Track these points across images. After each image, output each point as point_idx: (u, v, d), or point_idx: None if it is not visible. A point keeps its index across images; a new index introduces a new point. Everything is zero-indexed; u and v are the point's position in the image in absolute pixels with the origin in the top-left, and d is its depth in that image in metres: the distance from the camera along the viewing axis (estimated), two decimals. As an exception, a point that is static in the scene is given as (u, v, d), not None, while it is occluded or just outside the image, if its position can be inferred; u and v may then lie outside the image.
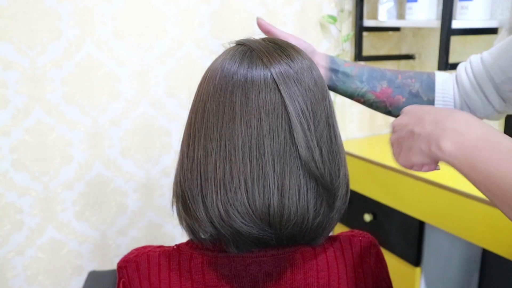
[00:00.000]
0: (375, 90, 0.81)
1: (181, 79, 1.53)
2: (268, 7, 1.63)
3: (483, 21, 1.47)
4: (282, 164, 0.53)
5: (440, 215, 1.34)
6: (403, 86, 0.81)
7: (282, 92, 0.54)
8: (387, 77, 0.81)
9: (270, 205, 0.53)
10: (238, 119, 0.53)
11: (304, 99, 0.55)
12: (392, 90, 0.80)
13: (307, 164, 0.54)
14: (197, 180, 0.55)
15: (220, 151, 0.54)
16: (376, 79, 0.81)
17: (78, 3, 1.35)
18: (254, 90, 0.54)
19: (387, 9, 1.66)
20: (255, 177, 0.53)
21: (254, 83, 0.54)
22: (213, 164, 0.54)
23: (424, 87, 0.80)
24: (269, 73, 0.54)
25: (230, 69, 0.55)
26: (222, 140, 0.54)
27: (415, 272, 1.47)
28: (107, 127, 1.46)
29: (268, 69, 0.54)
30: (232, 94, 0.54)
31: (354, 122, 1.91)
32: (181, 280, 0.60)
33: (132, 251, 0.63)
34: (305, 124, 0.54)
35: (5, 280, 1.40)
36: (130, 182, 1.53)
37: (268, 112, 0.53)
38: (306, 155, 0.54)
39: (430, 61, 1.80)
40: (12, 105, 1.32)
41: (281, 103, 0.54)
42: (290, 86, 0.54)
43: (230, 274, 0.59)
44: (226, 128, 0.54)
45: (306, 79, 0.56)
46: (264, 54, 0.56)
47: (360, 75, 0.81)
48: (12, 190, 1.37)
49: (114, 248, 1.55)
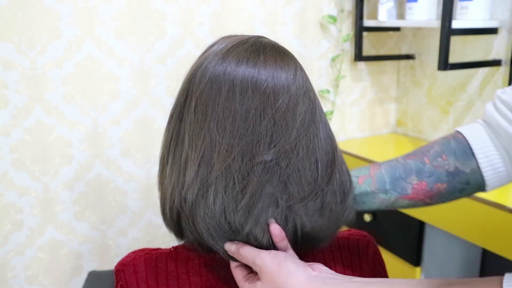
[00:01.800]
0: (406, 194, 0.65)
1: (181, 79, 1.52)
2: (268, 7, 1.63)
3: (483, 21, 1.47)
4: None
5: (440, 215, 1.34)
6: (436, 170, 0.65)
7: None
8: (413, 168, 0.65)
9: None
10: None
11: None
12: (427, 183, 0.65)
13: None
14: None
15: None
16: (401, 178, 0.65)
17: (78, 3, 1.35)
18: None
19: (387, 9, 1.66)
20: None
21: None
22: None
23: (460, 157, 0.64)
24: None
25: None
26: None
27: (415, 272, 1.47)
28: (107, 127, 1.46)
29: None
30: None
31: (354, 122, 1.91)
32: (178, 282, 0.60)
33: (129, 254, 0.63)
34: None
35: (5, 280, 1.40)
36: (130, 182, 1.53)
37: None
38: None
39: (430, 61, 1.80)
40: (12, 105, 1.32)
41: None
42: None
43: (227, 275, 0.59)
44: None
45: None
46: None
47: (381, 185, 0.66)
48: (12, 190, 1.37)
49: (114, 248, 1.55)
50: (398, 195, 0.66)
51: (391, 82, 1.96)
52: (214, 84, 0.53)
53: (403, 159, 0.66)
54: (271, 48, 0.55)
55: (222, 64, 0.53)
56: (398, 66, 1.95)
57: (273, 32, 1.64)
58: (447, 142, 0.66)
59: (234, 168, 0.52)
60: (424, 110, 1.84)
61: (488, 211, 1.19)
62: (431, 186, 0.65)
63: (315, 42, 1.74)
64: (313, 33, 1.73)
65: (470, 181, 0.66)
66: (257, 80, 0.52)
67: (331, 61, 1.79)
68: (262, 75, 0.52)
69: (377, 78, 1.92)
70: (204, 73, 0.54)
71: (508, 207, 1.15)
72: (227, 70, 0.53)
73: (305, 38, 1.72)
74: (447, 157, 0.65)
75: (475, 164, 0.64)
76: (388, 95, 1.97)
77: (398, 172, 0.65)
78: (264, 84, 0.52)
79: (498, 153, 0.64)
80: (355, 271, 0.63)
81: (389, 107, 1.98)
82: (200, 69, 0.55)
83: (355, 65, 1.85)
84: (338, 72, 1.80)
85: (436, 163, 0.65)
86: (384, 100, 1.97)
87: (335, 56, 1.78)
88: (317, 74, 1.77)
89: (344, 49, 1.79)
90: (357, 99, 1.90)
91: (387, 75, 1.94)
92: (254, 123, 0.52)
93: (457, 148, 0.65)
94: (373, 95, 1.93)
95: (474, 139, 0.64)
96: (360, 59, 1.80)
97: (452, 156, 0.65)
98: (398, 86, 1.97)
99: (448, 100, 1.73)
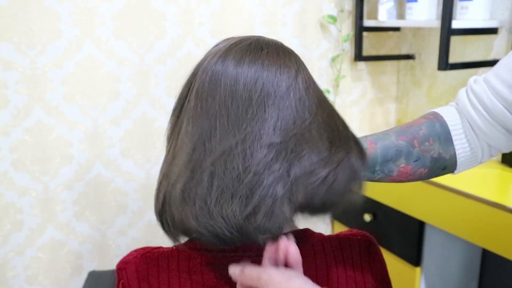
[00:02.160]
0: (391, 175, 0.67)
1: (181, 79, 1.52)
2: (268, 7, 1.63)
3: (483, 21, 1.47)
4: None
5: (440, 215, 1.34)
6: (423, 155, 0.66)
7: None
8: (404, 151, 0.66)
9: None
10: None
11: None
12: (412, 167, 0.67)
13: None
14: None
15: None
16: (392, 161, 0.66)
17: (78, 3, 1.35)
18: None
19: (387, 9, 1.66)
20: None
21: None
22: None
23: (443, 143, 0.66)
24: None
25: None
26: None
27: (415, 272, 1.47)
28: (107, 127, 1.46)
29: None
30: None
31: (354, 122, 1.91)
32: (180, 280, 0.60)
33: (131, 253, 0.63)
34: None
35: (5, 280, 1.40)
36: (130, 182, 1.53)
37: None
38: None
39: (430, 61, 1.80)
40: (12, 105, 1.32)
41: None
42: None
43: (229, 274, 0.59)
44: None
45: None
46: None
47: (372, 165, 0.66)
48: (12, 190, 1.37)
49: (114, 248, 1.55)
50: (383, 175, 0.67)
51: (391, 82, 1.96)
52: (215, 76, 0.54)
53: (396, 138, 0.67)
54: (274, 44, 0.58)
55: (223, 61, 0.55)
56: (398, 66, 1.95)
57: (273, 32, 1.64)
58: (433, 124, 0.67)
59: (235, 152, 0.51)
60: (424, 110, 1.84)
61: (488, 211, 1.19)
62: (415, 171, 0.67)
63: (315, 42, 1.74)
64: (313, 33, 1.74)
65: (447, 167, 0.68)
66: (258, 78, 0.53)
67: (331, 61, 1.79)
68: (264, 73, 0.54)
69: (377, 78, 1.92)
70: (206, 66, 0.56)
71: (508, 207, 1.16)
72: (229, 65, 0.54)
73: (305, 38, 1.72)
74: (434, 142, 0.66)
75: (453, 151, 0.67)
76: (388, 95, 1.97)
77: (390, 154, 0.66)
78: (265, 79, 0.53)
79: (467, 140, 0.67)
80: (356, 271, 0.63)
81: (389, 107, 1.99)
82: (204, 63, 0.58)
83: (355, 65, 1.85)
84: (338, 72, 1.80)
85: (423, 147, 0.66)
86: (384, 100, 1.97)
87: (335, 56, 1.78)
88: (317, 74, 1.77)
89: (344, 49, 1.79)
90: (357, 99, 1.90)
91: (387, 75, 1.94)
92: (258, 109, 0.52)
93: (441, 133, 0.67)
94: (373, 95, 1.93)
95: (453, 126, 0.67)
96: (360, 59, 1.80)
97: (437, 141, 0.66)
98: (398, 86, 1.97)
99: (448, 100, 1.73)
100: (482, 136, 0.66)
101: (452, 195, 1.28)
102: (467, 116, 0.66)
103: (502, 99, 0.63)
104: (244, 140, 0.51)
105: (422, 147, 0.66)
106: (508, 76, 0.62)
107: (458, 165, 0.68)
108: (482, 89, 0.65)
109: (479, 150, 0.67)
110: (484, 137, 0.66)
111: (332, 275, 0.61)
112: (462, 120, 0.67)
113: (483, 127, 0.65)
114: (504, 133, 0.65)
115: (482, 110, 0.64)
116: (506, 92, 0.62)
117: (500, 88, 0.63)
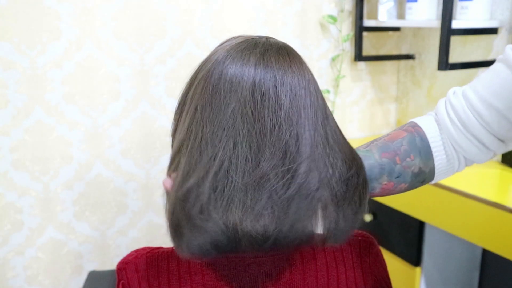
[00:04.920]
0: (373, 192, 0.67)
1: (181, 79, 1.52)
2: (268, 7, 1.63)
3: (483, 21, 1.47)
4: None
5: (440, 215, 1.34)
6: (404, 171, 0.67)
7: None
8: (386, 169, 0.66)
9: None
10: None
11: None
12: (394, 183, 0.67)
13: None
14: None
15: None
16: (375, 179, 0.66)
17: (78, 3, 1.35)
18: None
19: (387, 9, 1.66)
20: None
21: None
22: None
23: (424, 157, 0.67)
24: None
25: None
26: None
27: (415, 272, 1.47)
28: (107, 127, 1.46)
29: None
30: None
31: (354, 122, 1.91)
32: (180, 281, 0.60)
33: (131, 253, 0.63)
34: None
35: (5, 280, 1.40)
36: (130, 182, 1.53)
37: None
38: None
39: (430, 61, 1.80)
40: (12, 105, 1.32)
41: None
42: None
43: (229, 274, 0.59)
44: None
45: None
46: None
47: None
48: (12, 190, 1.37)
49: (114, 248, 1.55)
50: None
51: (391, 82, 1.96)
52: (223, 76, 0.53)
53: (379, 155, 0.67)
54: (279, 47, 0.58)
55: (226, 60, 0.54)
56: (398, 66, 1.95)
57: (273, 32, 1.64)
58: (413, 139, 0.67)
59: (245, 147, 0.51)
60: (424, 110, 1.84)
61: (488, 211, 1.19)
62: (396, 186, 0.68)
63: (315, 42, 1.74)
64: (313, 33, 1.74)
65: (426, 180, 0.69)
66: (262, 78, 0.53)
67: (331, 61, 1.79)
68: (267, 74, 0.54)
69: (377, 78, 1.92)
70: (212, 66, 0.55)
71: (508, 207, 1.16)
72: (235, 68, 0.54)
73: (305, 38, 1.72)
74: (415, 157, 0.67)
75: (433, 164, 0.67)
76: (388, 95, 1.97)
77: (374, 173, 0.65)
78: (272, 79, 0.54)
79: (445, 152, 0.67)
80: (357, 271, 0.63)
81: (389, 107, 1.99)
82: (208, 63, 0.56)
83: (355, 65, 1.85)
84: (338, 72, 1.80)
85: (405, 163, 0.66)
86: (384, 100, 1.97)
87: (335, 56, 1.78)
88: (317, 74, 1.77)
89: (344, 49, 1.79)
90: (357, 99, 1.90)
91: (387, 75, 1.94)
92: (268, 108, 0.52)
93: (421, 147, 0.67)
94: (373, 95, 1.93)
95: (432, 138, 0.67)
96: (360, 59, 1.80)
97: (418, 156, 0.67)
98: (398, 86, 1.97)
99: (448, 100, 1.73)
100: (458, 149, 0.67)
101: (452, 195, 1.28)
102: (445, 129, 0.67)
103: (478, 115, 0.64)
104: (259, 133, 0.51)
105: (404, 163, 0.66)
106: (485, 93, 0.63)
107: (435, 175, 0.69)
108: (459, 103, 0.65)
109: (456, 162, 0.68)
110: (460, 150, 0.67)
111: (332, 275, 0.61)
112: (441, 132, 0.67)
113: (459, 140, 0.66)
114: (479, 146, 0.65)
115: (458, 124, 0.65)
116: (482, 108, 0.63)
117: (476, 104, 0.64)
